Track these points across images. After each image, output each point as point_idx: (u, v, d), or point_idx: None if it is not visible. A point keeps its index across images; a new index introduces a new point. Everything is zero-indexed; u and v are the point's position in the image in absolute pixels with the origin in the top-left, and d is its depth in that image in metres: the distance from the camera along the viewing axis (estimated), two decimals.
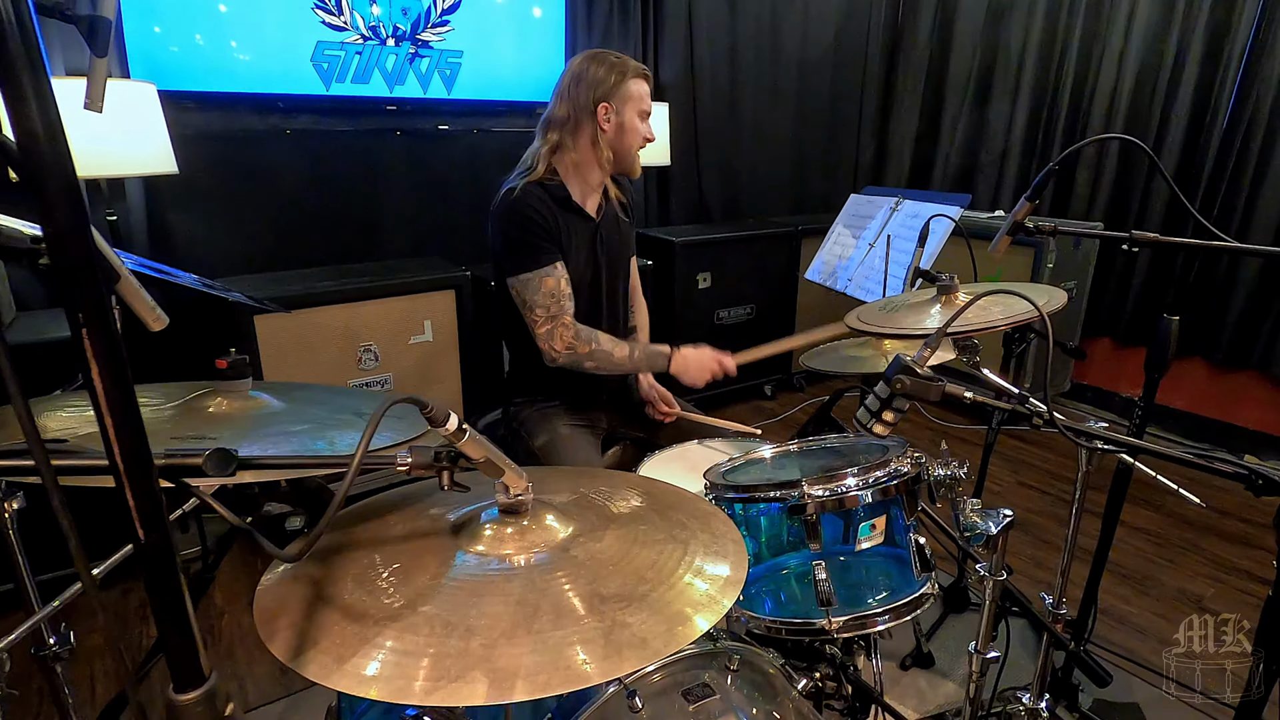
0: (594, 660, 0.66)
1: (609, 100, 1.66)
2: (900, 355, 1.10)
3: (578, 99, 1.65)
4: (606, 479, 1.06)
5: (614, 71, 1.66)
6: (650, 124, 1.74)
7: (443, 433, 0.61)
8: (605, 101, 1.65)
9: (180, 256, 2.53)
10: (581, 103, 1.65)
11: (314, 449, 0.80)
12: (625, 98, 1.67)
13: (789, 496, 1.03)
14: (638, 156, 1.75)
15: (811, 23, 3.94)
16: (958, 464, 1.17)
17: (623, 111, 1.67)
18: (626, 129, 1.69)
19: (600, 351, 1.68)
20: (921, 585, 1.08)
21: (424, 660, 0.66)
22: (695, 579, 0.80)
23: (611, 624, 0.71)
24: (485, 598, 0.74)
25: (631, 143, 1.71)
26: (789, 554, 1.17)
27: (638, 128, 1.70)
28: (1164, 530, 2.72)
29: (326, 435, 0.82)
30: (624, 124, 1.68)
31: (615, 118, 1.67)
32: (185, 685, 0.43)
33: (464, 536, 0.85)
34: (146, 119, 2.15)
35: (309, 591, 0.77)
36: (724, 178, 3.87)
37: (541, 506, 0.90)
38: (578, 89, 1.65)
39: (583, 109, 1.65)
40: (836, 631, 1.04)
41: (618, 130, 1.68)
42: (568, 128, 1.67)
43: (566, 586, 0.76)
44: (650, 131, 1.74)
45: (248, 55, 2.53)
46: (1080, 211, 3.59)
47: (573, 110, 1.66)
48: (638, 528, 0.90)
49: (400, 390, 2.67)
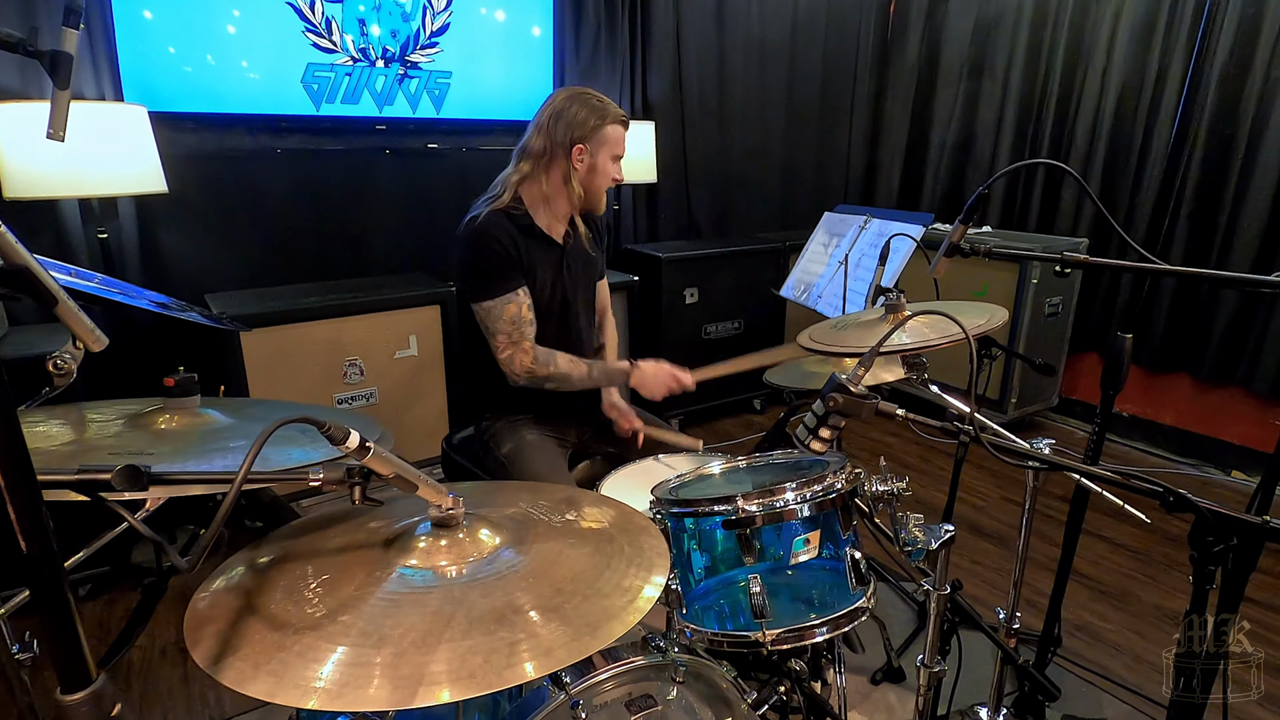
0: (496, 669, 0.69)
1: (586, 142, 1.69)
2: (835, 374, 1.13)
3: (554, 134, 1.68)
4: (550, 493, 1.09)
5: (594, 115, 1.68)
6: (620, 165, 1.77)
7: (344, 450, 0.65)
8: (582, 143, 1.68)
9: (171, 272, 2.59)
10: (558, 139, 1.68)
11: (216, 464, 0.84)
12: (602, 142, 1.70)
13: (725, 511, 1.06)
14: (604, 194, 1.79)
15: (800, 41, 4.00)
16: (896, 479, 1.20)
17: (597, 154, 1.71)
18: (598, 171, 1.72)
19: (559, 373, 1.73)
20: (857, 599, 1.10)
21: (332, 667, 0.69)
22: (613, 593, 0.82)
23: (520, 634, 0.74)
24: (404, 608, 0.77)
25: (601, 184, 1.75)
26: (739, 568, 1.19)
27: (608, 170, 1.74)
28: (1147, 547, 2.71)
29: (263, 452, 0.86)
30: (596, 166, 1.72)
31: (589, 159, 1.71)
32: (71, 686, 0.46)
33: (395, 549, 0.88)
34: (137, 140, 2.22)
35: (240, 601, 0.80)
36: (713, 194, 3.91)
37: (477, 520, 0.94)
38: (556, 125, 1.68)
39: (559, 145, 1.69)
40: (771, 644, 1.06)
41: (589, 171, 1.72)
42: (541, 161, 1.71)
43: (483, 598, 0.79)
44: (620, 173, 1.77)
45: (240, 78, 2.60)
46: (1065, 228, 3.61)
47: (549, 145, 1.69)
48: (566, 541, 0.93)
49: (386, 406, 2.72)
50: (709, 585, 1.23)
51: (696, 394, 3.61)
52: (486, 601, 0.78)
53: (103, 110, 2.19)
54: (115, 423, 0.92)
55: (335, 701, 0.65)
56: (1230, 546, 0.89)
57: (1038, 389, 3.58)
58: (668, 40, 3.53)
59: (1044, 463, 1.01)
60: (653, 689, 1.21)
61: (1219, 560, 0.90)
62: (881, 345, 1.11)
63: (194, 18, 2.48)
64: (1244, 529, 0.89)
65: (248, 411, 1.04)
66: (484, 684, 0.67)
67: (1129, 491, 0.95)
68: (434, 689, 0.66)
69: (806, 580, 1.14)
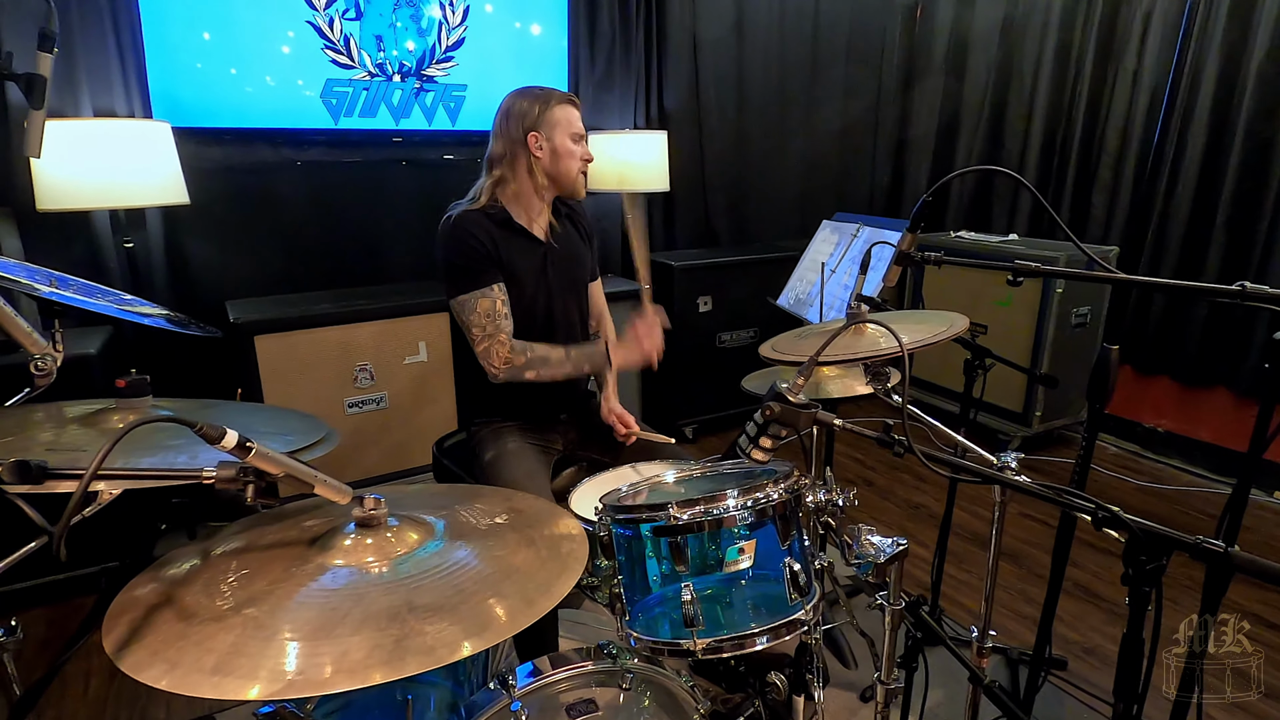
0: (375, 664, 0.71)
1: (537, 129, 1.73)
2: (776, 382, 1.12)
3: (510, 133, 1.74)
4: (490, 497, 1.11)
5: (537, 101, 1.74)
6: (587, 145, 1.80)
7: (222, 449, 0.68)
8: (534, 130, 1.73)
9: (194, 279, 2.72)
10: (514, 135, 1.73)
11: (176, 462, 0.88)
12: (553, 123, 1.74)
13: (656, 518, 1.06)
14: (579, 178, 1.81)
15: (821, 47, 3.97)
16: (840, 491, 1.18)
17: (553, 137, 1.74)
18: (560, 153, 1.75)
19: (536, 358, 1.74)
20: (796, 610, 1.09)
21: (222, 656, 0.72)
22: (510, 596, 0.84)
23: (407, 632, 0.75)
24: (305, 603, 0.80)
25: (568, 166, 1.77)
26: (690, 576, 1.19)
27: (572, 150, 1.77)
28: (1172, 569, 2.58)
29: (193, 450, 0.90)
30: (556, 148, 1.75)
31: (547, 144, 1.74)
32: None
33: (318, 547, 0.91)
34: (160, 155, 2.34)
35: (161, 594, 0.84)
36: (731, 202, 3.90)
37: (407, 522, 0.96)
38: (508, 123, 1.74)
39: (516, 141, 1.73)
40: (701, 653, 1.05)
41: (551, 155, 1.75)
42: (505, 161, 1.75)
43: (384, 596, 0.81)
44: (587, 153, 1.80)
45: (262, 94, 2.72)
46: (1097, 235, 3.48)
47: (508, 144, 1.74)
48: (485, 544, 0.95)
49: (396, 410, 2.79)
50: (666, 593, 1.23)
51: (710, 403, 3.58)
52: (386, 599, 0.81)
53: (129, 127, 2.32)
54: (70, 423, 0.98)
55: (217, 689, 0.68)
56: (1163, 565, 0.85)
57: (1065, 403, 3.45)
58: (684, 49, 3.55)
59: (974, 475, 0.98)
60: (597, 694, 1.22)
61: (1152, 580, 0.86)
62: (820, 355, 1.10)
63: (219, 37, 2.60)
64: (1176, 547, 0.85)
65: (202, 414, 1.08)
66: (357, 679, 0.69)
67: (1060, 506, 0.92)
68: (309, 679, 0.69)
69: (750, 590, 1.13)
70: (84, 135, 2.20)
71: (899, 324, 1.35)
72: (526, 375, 1.75)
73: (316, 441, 1.10)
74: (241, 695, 0.66)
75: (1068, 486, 0.91)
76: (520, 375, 1.75)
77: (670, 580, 1.10)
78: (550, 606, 0.82)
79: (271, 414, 1.16)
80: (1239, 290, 1.02)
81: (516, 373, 1.74)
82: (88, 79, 2.41)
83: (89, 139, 2.20)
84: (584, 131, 1.81)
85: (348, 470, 2.73)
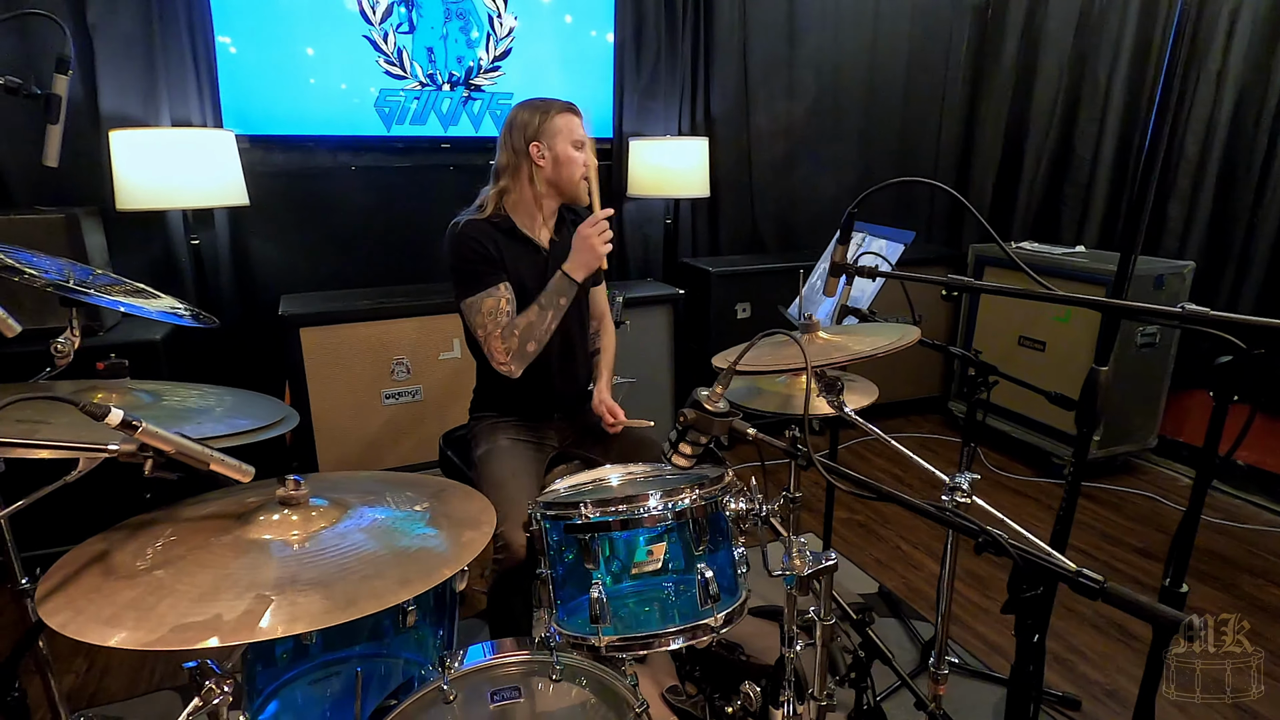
0: (241, 627, 0.79)
1: (539, 138, 1.79)
2: (697, 390, 1.14)
3: (513, 144, 1.80)
4: (419, 487, 1.18)
5: (538, 111, 1.79)
6: (589, 152, 1.84)
7: (109, 425, 0.76)
8: (535, 140, 1.79)
9: (255, 274, 2.97)
10: (517, 146, 1.80)
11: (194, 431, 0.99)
12: (554, 132, 1.79)
13: (569, 515, 1.10)
14: (581, 184, 1.84)
15: (880, 50, 3.86)
16: (763, 500, 1.18)
17: (554, 145, 1.79)
18: (561, 161, 1.80)
19: (521, 327, 1.76)
20: (706, 616, 1.10)
21: (117, 609, 0.81)
22: (388, 578, 0.90)
23: (281, 600, 0.83)
24: (208, 569, 0.89)
25: (570, 173, 1.82)
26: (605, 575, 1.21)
27: (573, 157, 1.81)
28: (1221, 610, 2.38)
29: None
30: (558, 156, 1.80)
31: (548, 153, 1.80)
32: None
33: (243, 520, 1.01)
34: (224, 160, 2.57)
35: (99, 551, 0.95)
36: (779, 209, 3.86)
37: (336, 504, 1.04)
38: (511, 135, 1.80)
39: (519, 151, 1.80)
40: (606, 649, 1.08)
41: (553, 164, 1.81)
42: (508, 172, 1.82)
43: (277, 568, 0.89)
44: (591, 159, 1.84)
45: (321, 103, 2.93)
46: (1172, 249, 3.23)
47: (511, 155, 1.81)
48: (390, 528, 1.01)
49: (430, 403, 2.93)
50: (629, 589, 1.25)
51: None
52: (278, 571, 0.88)
53: (195, 135, 2.56)
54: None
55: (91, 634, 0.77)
56: (1039, 595, 0.82)
57: (1130, 427, 3.22)
58: (733, 54, 3.54)
59: (873, 492, 0.96)
60: (525, 682, 1.26)
61: (1033, 609, 0.83)
62: (736, 364, 1.10)
63: (284, 53, 2.82)
64: (1057, 578, 0.81)
65: (171, 394, 1.21)
66: (228, 637, 0.77)
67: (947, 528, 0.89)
68: (181, 634, 0.77)
69: (670, 593, 1.15)
70: (155, 143, 2.45)
71: (857, 336, 1.33)
72: (529, 349, 1.77)
73: (276, 422, 1.20)
74: (110, 642, 0.75)
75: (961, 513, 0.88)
76: (525, 353, 1.77)
77: (588, 577, 1.13)
78: (422, 590, 0.87)
79: (244, 398, 1.27)
80: (1178, 312, 0.95)
81: (520, 353, 1.77)
82: (168, 92, 2.68)
83: (160, 146, 2.45)
84: (585, 139, 1.85)
85: (385, 457, 2.90)
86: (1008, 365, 3.53)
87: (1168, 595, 1.11)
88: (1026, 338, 3.38)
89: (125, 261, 2.71)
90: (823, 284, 2.03)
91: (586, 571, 1.10)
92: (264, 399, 1.27)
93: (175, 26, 2.66)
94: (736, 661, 1.96)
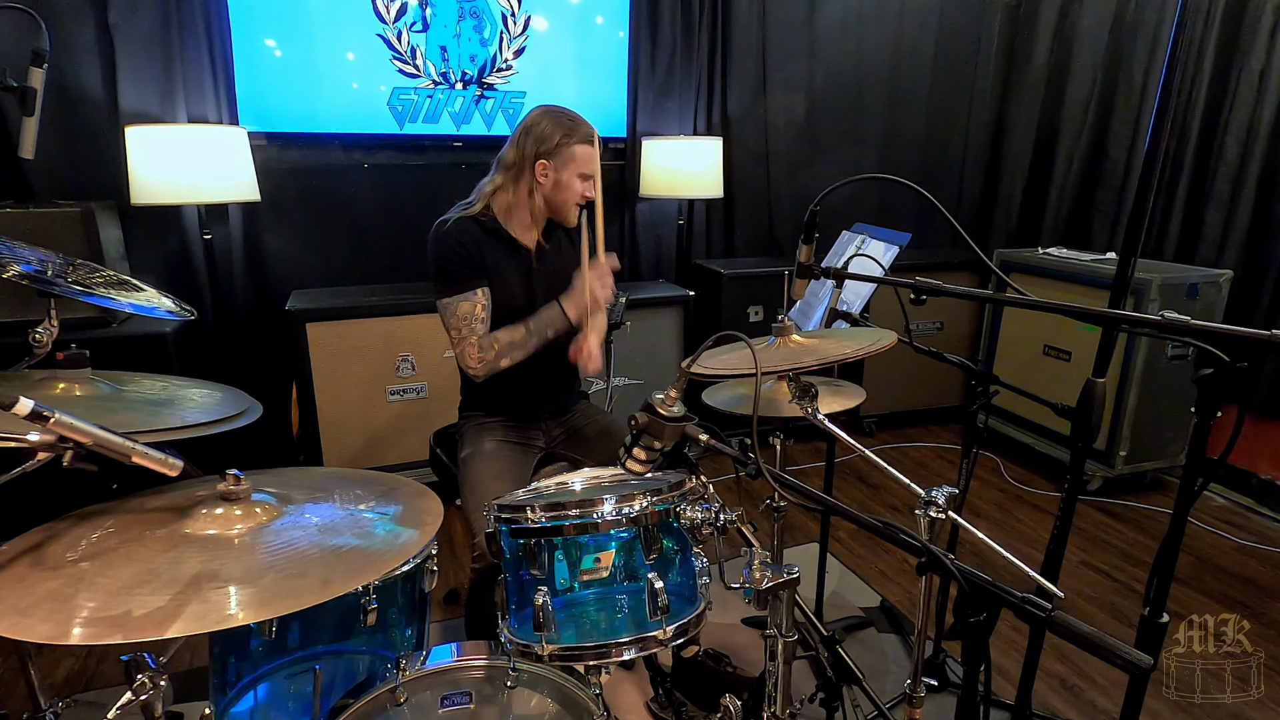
0: (148, 624, 0.77)
1: (549, 158, 1.74)
2: (653, 394, 1.10)
3: (524, 149, 1.76)
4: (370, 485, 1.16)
5: (560, 131, 1.73)
6: (592, 184, 1.78)
7: (16, 414, 0.76)
8: (545, 159, 1.74)
9: (267, 269, 3.01)
10: (526, 154, 1.75)
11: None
12: (567, 159, 1.74)
13: (516, 519, 1.07)
14: (572, 209, 1.80)
15: (905, 48, 3.76)
16: (721, 510, 1.13)
17: (561, 171, 1.75)
18: (563, 186, 1.76)
19: (503, 345, 1.75)
20: (654, 628, 1.05)
21: (35, 600, 0.80)
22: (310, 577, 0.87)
23: (194, 596, 0.81)
24: (135, 563, 0.88)
25: (566, 199, 1.78)
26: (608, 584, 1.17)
27: (575, 187, 1.76)
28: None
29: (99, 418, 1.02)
30: (560, 181, 1.76)
31: (552, 175, 1.75)
32: None
33: (181, 514, 1.00)
34: (235, 157, 2.61)
35: (35, 542, 0.95)
36: (797, 211, 3.78)
37: (270, 499, 1.03)
38: (526, 139, 1.75)
39: (526, 159, 1.75)
40: (549, 658, 1.05)
41: (554, 186, 1.77)
42: (511, 173, 1.79)
43: (200, 563, 0.88)
44: (591, 191, 1.78)
45: (335, 102, 2.95)
46: (1209, 257, 3.07)
47: (518, 158, 1.77)
48: (327, 527, 0.99)
49: (435, 400, 2.94)
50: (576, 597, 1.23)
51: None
52: (199, 567, 0.87)
53: (207, 132, 2.60)
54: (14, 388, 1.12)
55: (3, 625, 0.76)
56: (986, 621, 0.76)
57: (1159, 443, 3.07)
58: (751, 53, 3.48)
59: (819, 504, 0.91)
60: (482, 688, 1.24)
61: (976, 634, 0.77)
62: (691, 365, 1.06)
63: (299, 51, 2.86)
64: (1003, 604, 0.76)
65: (134, 385, 1.21)
66: (130, 634, 0.76)
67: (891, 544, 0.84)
68: (94, 628, 0.76)
69: (623, 603, 1.11)
70: (169, 139, 2.49)
71: (831, 340, 1.28)
72: (503, 364, 1.77)
73: (235, 415, 1.20)
74: (26, 636, 0.74)
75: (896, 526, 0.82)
76: (497, 366, 1.77)
77: (538, 583, 1.10)
78: (342, 591, 0.85)
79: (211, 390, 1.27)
80: (1158, 320, 0.88)
81: (492, 365, 1.77)
82: (185, 89, 2.73)
83: (174, 142, 2.49)
84: (595, 173, 1.79)
85: (390, 452, 2.91)
86: (1032, 375, 3.42)
87: (1147, 626, 1.04)
88: (1052, 347, 3.25)
89: (141, 255, 2.77)
90: (822, 288, 1.98)
91: (534, 577, 1.07)
92: (232, 391, 1.27)
93: (193, 26, 2.71)
94: (722, 673, 1.91)
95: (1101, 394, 1.32)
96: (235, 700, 1.49)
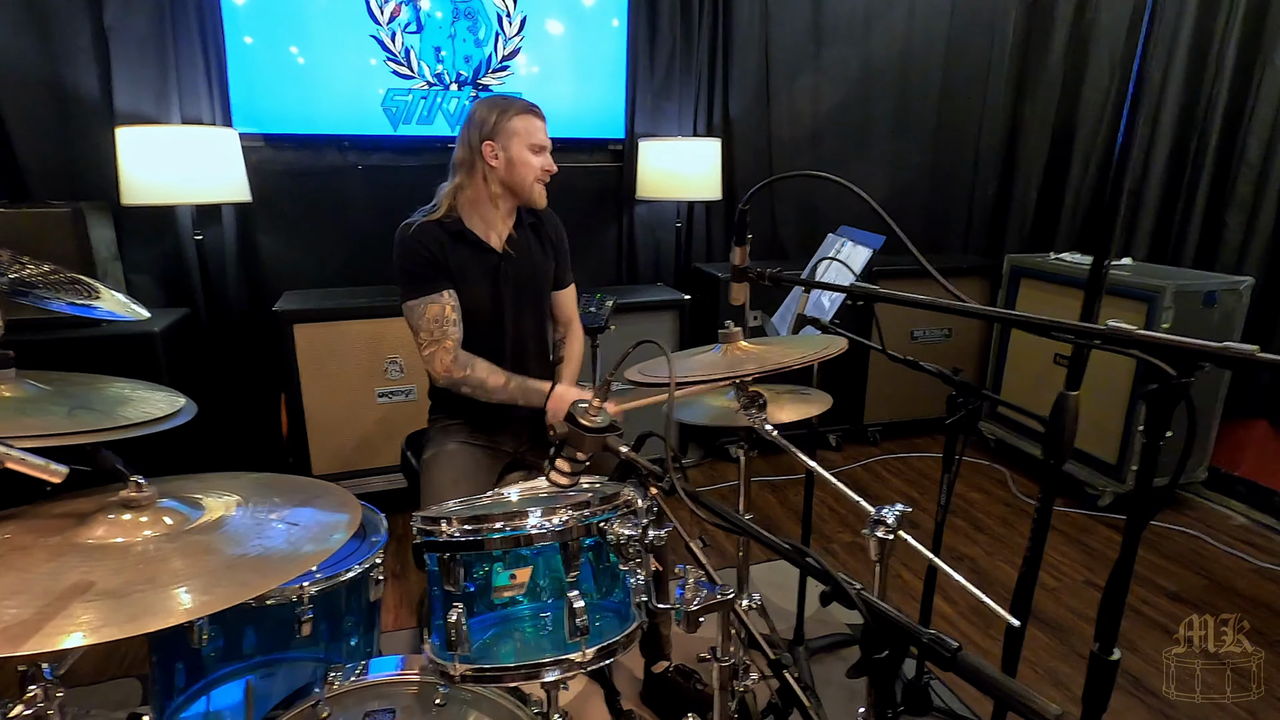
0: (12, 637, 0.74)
1: (493, 138, 1.73)
2: (576, 403, 1.04)
3: (470, 141, 1.76)
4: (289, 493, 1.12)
5: (495, 109, 1.74)
6: (549, 156, 1.78)
7: None
8: (490, 139, 1.73)
9: (260, 270, 3.01)
10: (472, 144, 1.75)
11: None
12: (510, 133, 1.73)
13: (429, 532, 1.02)
14: (535, 187, 1.78)
15: (916, 45, 3.66)
16: (650, 526, 1.07)
17: (509, 147, 1.73)
18: (516, 163, 1.74)
19: (474, 378, 1.75)
20: (573, 650, 1.00)
21: None
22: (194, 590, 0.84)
23: (60, 610, 0.78)
24: (15, 571, 0.85)
25: (524, 175, 1.76)
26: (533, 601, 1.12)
27: (529, 161, 1.75)
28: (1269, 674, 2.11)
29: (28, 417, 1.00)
30: (512, 158, 1.74)
31: (502, 155, 1.74)
32: None
33: (83, 520, 0.97)
34: (226, 158, 2.61)
35: None
36: (801, 214, 3.70)
37: (175, 506, 1.00)
38: (469, 130, 1.76)
39: (474, 149, 1.75)
40: (459, 679, 1.00)
41: (507, 165, 1.75)
42: (464, 168, 1.78)
43: (80, 573, 0.84)
44: (549, 163, 1.78)
45: (329, 103, 2.95)
46: (1230, 263, 2.93)
47: (467, 152, 1.76)
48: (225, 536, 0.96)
49: (424, 403, 2.90)
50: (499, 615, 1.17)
51: None
52: (78, 577, 0.83)
53: (198, 133, 2.60)
54: None
55: None
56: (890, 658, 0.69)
57: (1176, 458, 2.93)
58: (754, 51, 3.41)
59: (735, 526, 0.85)
60: (403, 704, 1.19)
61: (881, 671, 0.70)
62: (616, 371, 1.00)
63: (292, 52, 2.86)
64: (909, 641, 0.69)
65: (66, 386, 1.19)
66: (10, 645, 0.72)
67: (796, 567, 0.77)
68: None
69: (548, 623, 1.06)
70: (160, 139, 2.50)
71: (778, 347, 1.22)
72: (462, 389, 1.78)
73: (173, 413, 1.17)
74: None
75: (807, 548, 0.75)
76: (457, 387, 1.78)
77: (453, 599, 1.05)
78: (221, 607, 0.81)
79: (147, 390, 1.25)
80: (1102, 330, 0.80)
81: (454, 383, 1.78)
82: (179, 91, 2.74)
83: (164, 143, 2.50)
84: (546, 143, 1.80)
85: (378, 454, 2.89)
86: (1041, 386, 3.29)
87: (1097, 663, 0.95)
88: (1062, 356, 3.13)
89: (134, 256, 2.79)
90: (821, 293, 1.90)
91: (448, 593, 1.02)
92: (168, 392, 1.24)
93: (188, 28, 2.72)
94: (690, 690, 1.84)
95: (1074, 408, 1.23)
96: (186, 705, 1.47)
